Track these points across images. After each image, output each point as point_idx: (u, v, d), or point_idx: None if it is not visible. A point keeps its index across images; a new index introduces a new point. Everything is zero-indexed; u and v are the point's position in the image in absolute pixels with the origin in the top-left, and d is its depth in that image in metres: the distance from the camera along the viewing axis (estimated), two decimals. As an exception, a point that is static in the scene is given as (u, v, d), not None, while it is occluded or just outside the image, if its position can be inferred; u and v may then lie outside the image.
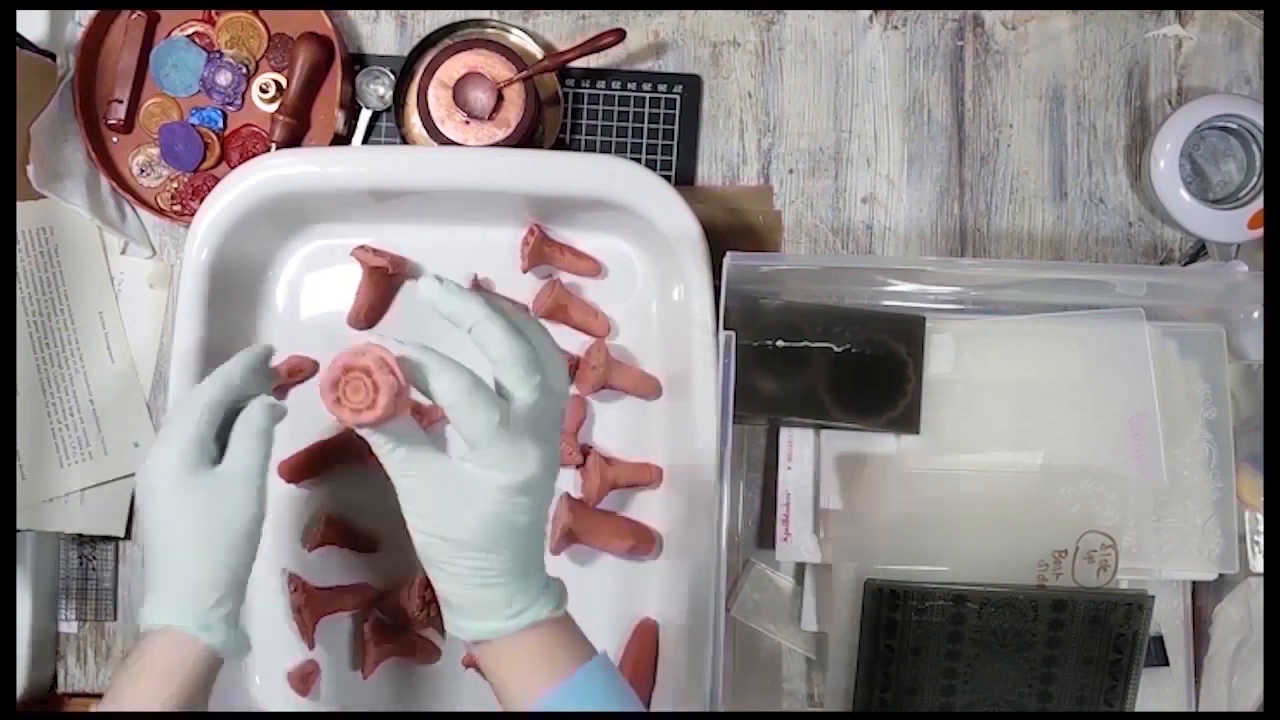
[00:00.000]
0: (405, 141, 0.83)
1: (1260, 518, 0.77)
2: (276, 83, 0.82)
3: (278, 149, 0.80)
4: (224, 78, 0.82)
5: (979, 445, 0.77)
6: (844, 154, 0.85)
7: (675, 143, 0.84)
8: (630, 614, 0.78)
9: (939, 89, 0.86)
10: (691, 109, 0.85)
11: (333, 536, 0.78)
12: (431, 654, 0.78)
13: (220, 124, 0.83)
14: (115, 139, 0.83)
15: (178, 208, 0.82)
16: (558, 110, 0.84)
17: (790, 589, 0.79)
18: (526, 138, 0.80)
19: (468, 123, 0.78)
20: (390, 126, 0.84)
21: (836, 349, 0.76)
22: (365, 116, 0.84)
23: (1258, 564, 0.77)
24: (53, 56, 0.80)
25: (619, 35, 0.80)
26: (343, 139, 0.84)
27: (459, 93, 0.78)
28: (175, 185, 0.82)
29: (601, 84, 0.84)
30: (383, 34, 0.85)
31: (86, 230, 0.82)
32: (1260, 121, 0.80)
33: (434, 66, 0.78)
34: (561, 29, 0.85)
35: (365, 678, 0.77)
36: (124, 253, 0.83)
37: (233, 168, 0.78)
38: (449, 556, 0.55)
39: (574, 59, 0.80)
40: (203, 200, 0.75)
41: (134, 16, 0.81)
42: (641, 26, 0.85)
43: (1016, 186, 0.86)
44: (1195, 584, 0.79)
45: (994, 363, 0.78)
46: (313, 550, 0.78)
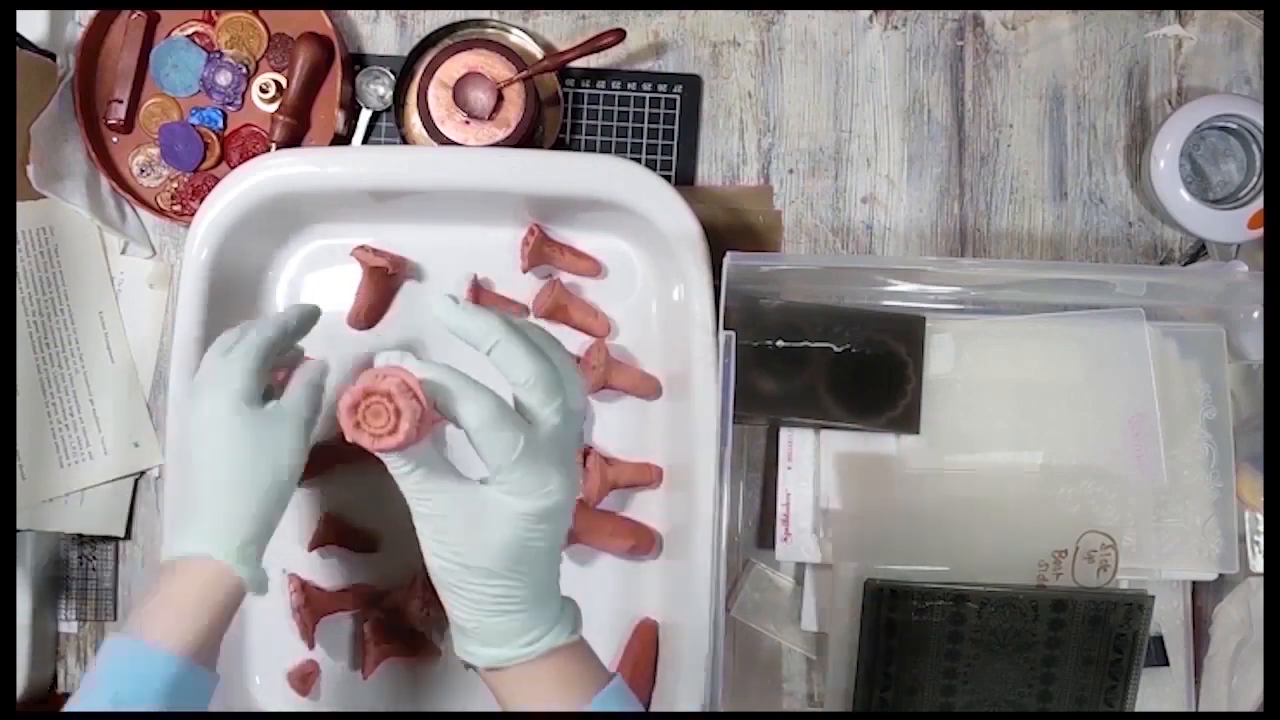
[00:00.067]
0: (405, 141, 0.83)
1: (1260, 518, 0.77)
2: (276, 83, 0.82)
3: (278, 149, 0.80)
4: (224, 78, 0.82)
5: (979, 445, 0.77)
6: (844, 154, 0.85)
7: (675, 143, 0.84)
8: (630, 614, 0.78)
9: (939, 89, 0.86)
10: (691, 109, 0.85)
11: (333, 536, 0.78)
12: (431, 654, 0.78)
13: (220, 124, 0.83)
14: (115, 139, 0.83)
15: (178, 208, 0.82)
16: (558, 110, 0.84)
17: (790, 589, 0.79)
18: (526, 138, 0.80)
19: (468, 123, 0.78)
20: (390, 126, 0.84)
21: (836, 349, 0.77)
22: (365, 116, 0.84)
23: (1258, 564, 0.77)
24: (53, 56, 0.80)
25: (619, 35, 0.80)
26: (343, 139, 0.84)
27: (459, 93, 0.78)
28: (175, 185, 0.82)
29: (601, 84, 0.84)
30: (383, 34, 0.85)
31: (86, 230, 0.82)
32: (1260, 121, 0.80)
33: (434, 66, 0.78)
34: (561, 29, 0.85)
35: (365, 678, 0.77)
36: (124, 253, 0.83)
37: (233, 168, 0.78)
38: (465, 582, 0.54)
39: (574, 59, 0.80)
40: (203, 200, 0.75)
41: (134, 16, 0.81)
42: (641, 26, 0.85)
43: (1016, 186, 0.86)
44: (1195, 584, 0.79)
45: (994, 363, 0.78)
46: (313, 550, 0.78)
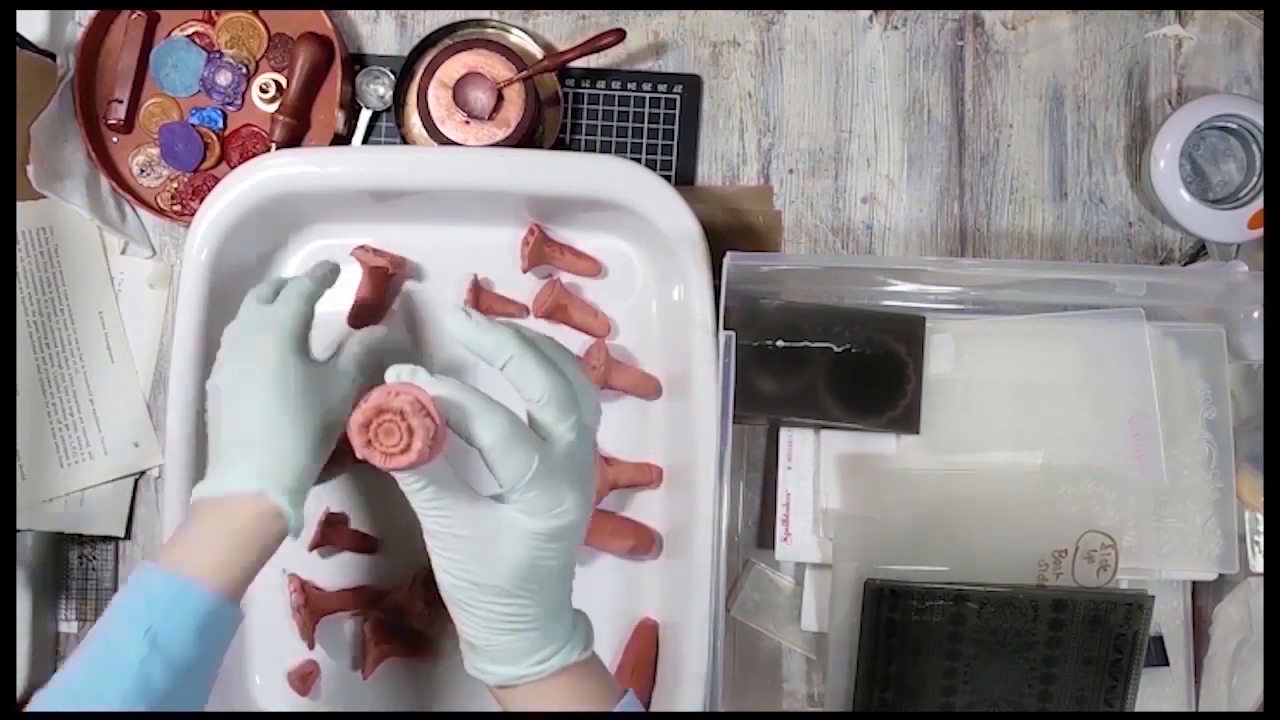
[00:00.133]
0: (405, 141, 0.83)
1: (1260, 518, 0.77)
2: (276, 83, 0.82)
3: (278, 149, 0.80)
4: (224, 78, 0.82)
5: (979, 445, 0.77)
6: (844, 154, 0.85)
7: (675, 143, 0.84)
8: (630, 614, 0.78)
9: (939, 89, 0.86)
10: (691, 109, 0.85)
11: (333, 536, 0.78)
12: (431, 654, 0.78)
13: (220, 124, 0.83)
14: (115, 139, 0.83)
15: (178, 208, 0.82)
16: (558, 110, 0.84)
17: (790, 589, 0.79)
18: (526, 138, 0.80)
19: (468, 123, 0.78)
20: (390, 126, 0.84)
21: (836, 349, 0.76)
22: (365, 116, 0.84)
23: (1258, 564, 0.77)
24: (53, 56, 0.80)
25: (619, 35, 0.80)
26: (343, 139, 0.84)
27: (459, 93, 0.78)
28: (175, 185, 0.82)
29: (601, 84, 0.84)
30: (383, 34, 0.85)
31: (86, 230, 0.82)
32: (1260, 121, 0.80)
33: (434, 66, 0.78)
34: (561, 29, 0.85)
35: (365, 678, 0.77)
36: (124, 253, 0.83)
37: (233, 168, 0.78)
38: (476, 600, 0.54)
39: (574, 59, 0.80)
40: (203, 200, 0.75)
41: (134, 16, 0.81)
42: (641, 26, 0.85)
43: (1016, 186, 0.86)
44: (1195, 584, 0.79)
45: (994, 363, 0.78)
46: (313, 550, 0.78)
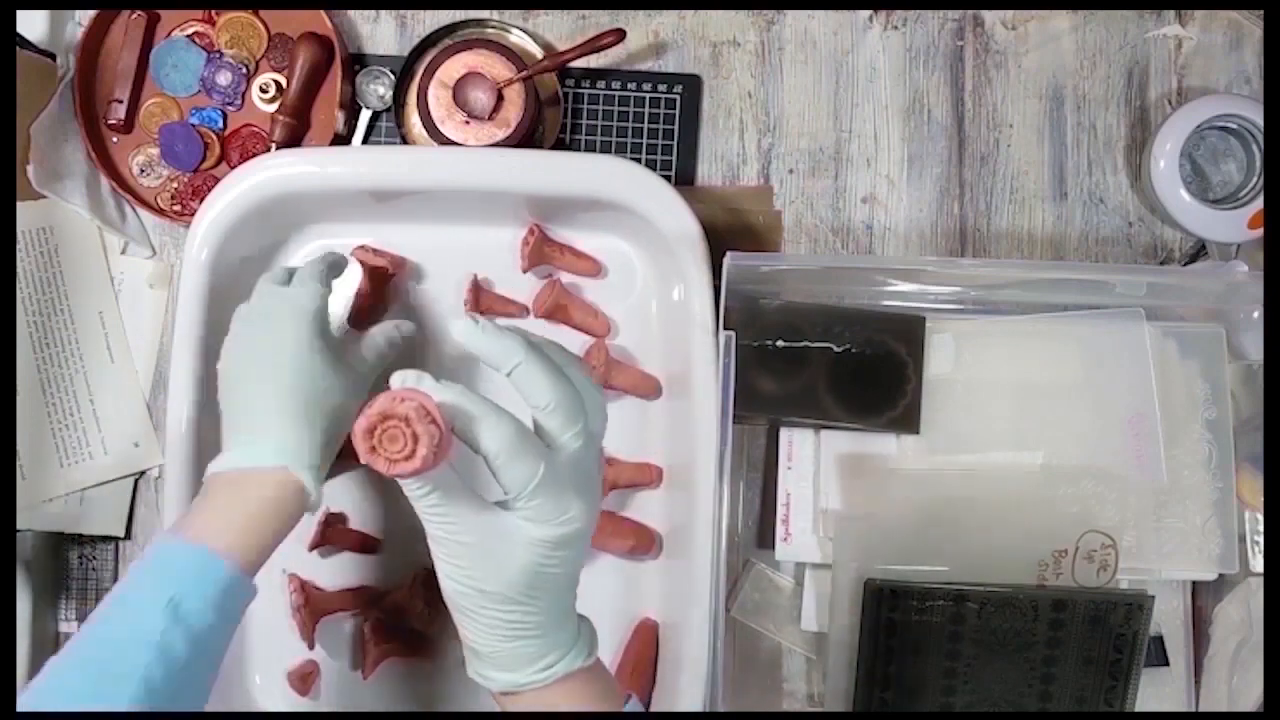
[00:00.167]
0: (405, 141, 0.83)
1: (1260, 518, 0.77)
2: (276, 83, 0.82)
3: (278, 149, 0.80)
4: (224, 78, 0.82)
5: (979, 445, 0.77)
6: (844, 154, 0.85)
7: (675, 143, 0.84)
8: (630, 614, 0.78)
9: (939, 89, 0.86)
10: (691, 109, 0.85)
11: (333, 536, 0.78)
12: (431, 654, 0.78)
13: (220, 124, 0.83)
14: (115, 139, 0.83)
15: (178, 208, 0.82)
16: (558, 110, 0.84)
17: (790, 589, 0.79)
18: (526, 138, 0.80)
19: (468, 123, 0.78)
20: (390, 126, 0.84)
21: (836, 349, 0.76)
22: (365, 116, 0.84)
23: (1258, 564, 0.77)
24: (53, 56, 0.80)
25: (619, 35, 0.80)
26: (343, 139, 0.84)
27: (459, 93, 0.78)
28: (175, 185, 0.82)
29: (601, 84, 0.84)
30: (383, 34, 0.85)
31: (86, 230, 0.82)
32: (1260, 121, 0.80)
33: (434, 66, 0.78)
34: (561, 29, 0.85)
35: (365, 678, 0.77)
36: (124, 253, 0.83)
37: (233, 168, 0.78)
38: (480, 607, 0.53)
39: (574, 59, 0.80)
40: (203, 200, 0.75)
41: (134, 16, 0.81)
42: (641, 26, 0.85)
43: (1016, 186, 0.86)
44: (1195, 584, 0.79)
45: (994, 363, 0.78)
46: (313, 550, 0.78)
